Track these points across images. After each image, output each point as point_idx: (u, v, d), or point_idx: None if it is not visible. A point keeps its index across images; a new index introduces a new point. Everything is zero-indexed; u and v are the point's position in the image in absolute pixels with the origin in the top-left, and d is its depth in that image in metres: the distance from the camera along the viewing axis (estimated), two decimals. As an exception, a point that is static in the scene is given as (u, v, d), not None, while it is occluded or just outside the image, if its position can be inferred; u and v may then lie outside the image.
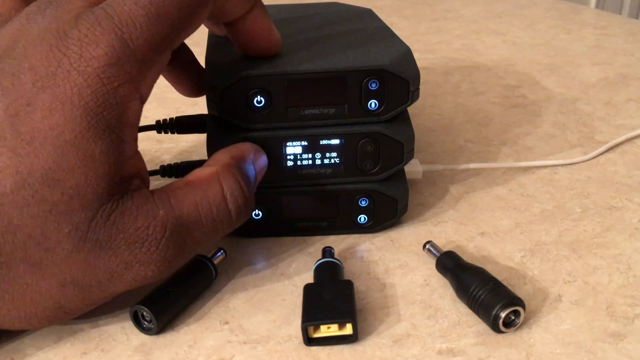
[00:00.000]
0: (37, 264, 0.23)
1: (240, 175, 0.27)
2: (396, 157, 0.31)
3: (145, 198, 0.25)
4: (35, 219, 0.23)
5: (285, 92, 0.29)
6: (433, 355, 0.25)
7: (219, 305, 0.28)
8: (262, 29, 0.29)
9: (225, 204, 0.26)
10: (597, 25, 0.75)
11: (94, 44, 0.23)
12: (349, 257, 0.32)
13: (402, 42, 0.32)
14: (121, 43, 0.23)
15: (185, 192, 0.26)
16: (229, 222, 0.27)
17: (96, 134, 0.23)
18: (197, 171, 0.27)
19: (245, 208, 0.27)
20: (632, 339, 0.26)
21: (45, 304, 0.24)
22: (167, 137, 0.45)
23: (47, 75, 0.23)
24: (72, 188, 0.23)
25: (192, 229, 0.26)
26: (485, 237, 0.33)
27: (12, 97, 0.23)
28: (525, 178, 0.39)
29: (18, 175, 0.22)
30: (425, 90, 0.54)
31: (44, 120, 0.22)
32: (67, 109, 0.22)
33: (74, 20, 0.23)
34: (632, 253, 0.31)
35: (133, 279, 0.25)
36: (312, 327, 0.26)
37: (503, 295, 0.26)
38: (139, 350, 0.26)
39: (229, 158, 0.28)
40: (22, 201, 0.22)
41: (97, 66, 0.23)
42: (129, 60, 0.23)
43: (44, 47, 0.23)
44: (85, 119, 0.23)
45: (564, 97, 0.52)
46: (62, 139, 0.22)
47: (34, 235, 0.23)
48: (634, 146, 0.43)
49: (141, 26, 0.23)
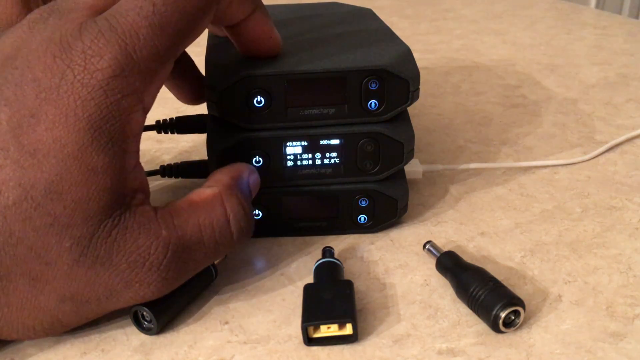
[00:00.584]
0: (37, 277, 0.23)
1: (242, 196, 0.27)
2: (396, 157, 0.31)
3: (148, 216, 0.24)
4: (36, 231, 0.22)
5: (285, 92, 0.29)
6: (433, 355, 0.25)
7: (219, 305, 0.28)
8: (263, 32, 0.29)
9: (227, 226, 0.26)
10: (597, 25, 0.75)
11: (98, 56, 0.23)
12: (349, 257, 0.32)
13: (402, 42, 0.32)
14: (125, 55, 0.23)
15: (189, 213, 0.26)
16: (230, 244, 0.27)
17: (99, 146, 0.23)
18: (199, 191, 0.27)
19: (246, 229, 0.27)
20: (632, 339, 0.26)
21: (43, 318, 0.24)
22: (167, 137, 0.45)
23: (50, 87, 0.22)
24: (75, 201, 0.23)
25: (194, 250, 0.25)
26: (485, 237, 0.33)
27: (15, 109, 0.22)
28: (525, 178, 0.39)
29: (21, 188, 0.22)
30: (425, 90, 0.54)
31: (47, 133, 0.22)
32: (70, 121, 0.22)
33: (77, 31, 0.23)
34: (632, 253, 0.31)
35: (131, 298, 0.25)
36: (312, 327, 0.26)
37: (503, 295, 0.26)
38: (139, 350, 0.26)
39: (229, 178, 0.28)
40: (24, 214, 0.22)
41: (101, 78, 0.23)
42: (133, 72, 0.23)
43: (48, 58, 0.23)
44: (89, 131, 0.23)
45: (564, 97, 0.52)
46: (65, 152, 0.22)
47: (35, 248, 0.23)
48: (634, 146, 0.43)
49: (144, 37, 0.23)
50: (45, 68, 0.23)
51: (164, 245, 0.24)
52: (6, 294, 0.23)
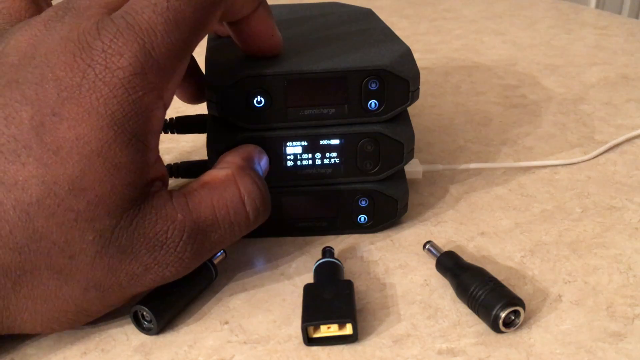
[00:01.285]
0: (60, 270, 0.23)
1: (255, 175, 0.28)
2: (396, 157, 0.31)
3: (164, 201, 0.25)
4: (60, 227, 0.23)
5: (285, 92, 0.29)
6: (433, 355, 0.25)
7: (219, 305, 0.28)
8: (265, 29, 0.29)
9: (242, 206, 0.27)
10: (597, 25, 0.75)
11: (118, 55, 0.23)
12: (349, 257, 0.32)
13: (402, 42, 0.32)
14: (144, 53, 0.23)
15: (203, 195, 0.26)
16: (247, 224, 0.27)
17: (122, 143, 0.23)
18: (211, 173, 0.27)
19: (263, 209, 0.28)
20: (632, 339, 0.26)
21: (68, 308, 0.24)
22: (167, 137, 0.45)
23: (72, 86, 0.23)
24: (98, 196, 0.23)
25: (209, 231, 0.26)
26: (485, 237, 0.33)
27: (37, 107, 0.23)
28: (525, 178, 0.39)
29: (44, 185, 0.22)
30: (425, 90, 0.54)
31: (70, 130, 0.22)
32: (93, 119, 0.23)
33: (95, 29, 0.23)
34: (632, 253, 0.31)
35: (152, 280, 0.25)
36: (312, 327, 0.26)
37: (503, 295, 0.26)
38: (139, 350, 0.26)
39: (241, 159, 0.28)
40: (47, 210, 0.23)
41: (122, 77, 0.23)
42: (152, 69, 0.24)
43: (67, 56, 0.23)
44: (112, 128, 0.23)
45: (564, 97, 0.52)
46: (89, 149, 0.23)
47: (59, 242, 0.23)
48: (634, 146, 0.43)
49: (161, 34, 0.24)
50: (66, 67, 0.23)
51: (180, 228, 0.25)
52: (30, 288, 0.23)
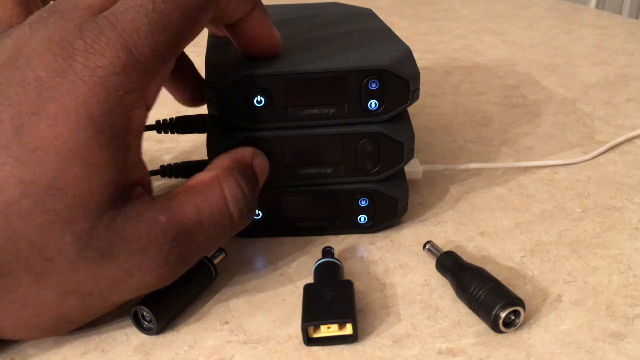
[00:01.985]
0: (39, 273, 0.23)
1: (241, 177, 0.27)
2: (396, 157, 0.31)
3: (146, 205, 0.24)
4: (38, 228, 0.23)
5: (285, 92, 0.29)
6: (433, 355, 0.25)
7: (219, 305, 0.28)
8: (262, 30, 0.29)
9: (226, 207, 0.26)
10: (597, 25, 0.75)
11: (99, 54, 0.23)
12: (349, 257, 0.32)
13: (402, 42, 0.32)
14: (126, 52, 0.23)
15: (187, 197, 0.26)
16: (232, 225, 0.27)
17: (101, 142, 0.23)
18: (198, 176, 0.27)
19: (247, 210, 0.27)
20: (632, 339, 0.26)
21: (47, 314, 0.24)
22: (167, 137, 0.45)
23: (53, 86, 0.23)
24: (76, 197, 0.23)
25: (194, 233, 0.25)
26: (485, 237, 0.33)
27: (18, 108, 0.23)
28: (525, 178, 0.39)
29: (22, 185, 0.22)
30: (425, 90, 0.54)
31: (49, 130, 0.22)
32: (72, 118, 0.22)
33: (77, 30, 0.23)
34: (632, 253, 0.31)
35: (136, 287, 0.25)
36: (312, 327, 0.26)
37: (503, 295, 0.26)
38: (139, 350, 0.26)
39: (229, 162, 0.28)
40: (25, 210, 0.22)
41: (102, 75, 0.23)
42: (134, 69, 0.23)
43: (49, 57, 0.23)
44: (91, 127, 0.23)
45: (564, 97, 0.52)
46: (67, 148, 0.22)
47: (37, 244, 0.23)
48: (634, 146, 0.43)
49: (145, 35, 0.23)
50: (47, 67, 0.23)
51: (163, 231, 0.24)
52: (9, 291, 0.23)
